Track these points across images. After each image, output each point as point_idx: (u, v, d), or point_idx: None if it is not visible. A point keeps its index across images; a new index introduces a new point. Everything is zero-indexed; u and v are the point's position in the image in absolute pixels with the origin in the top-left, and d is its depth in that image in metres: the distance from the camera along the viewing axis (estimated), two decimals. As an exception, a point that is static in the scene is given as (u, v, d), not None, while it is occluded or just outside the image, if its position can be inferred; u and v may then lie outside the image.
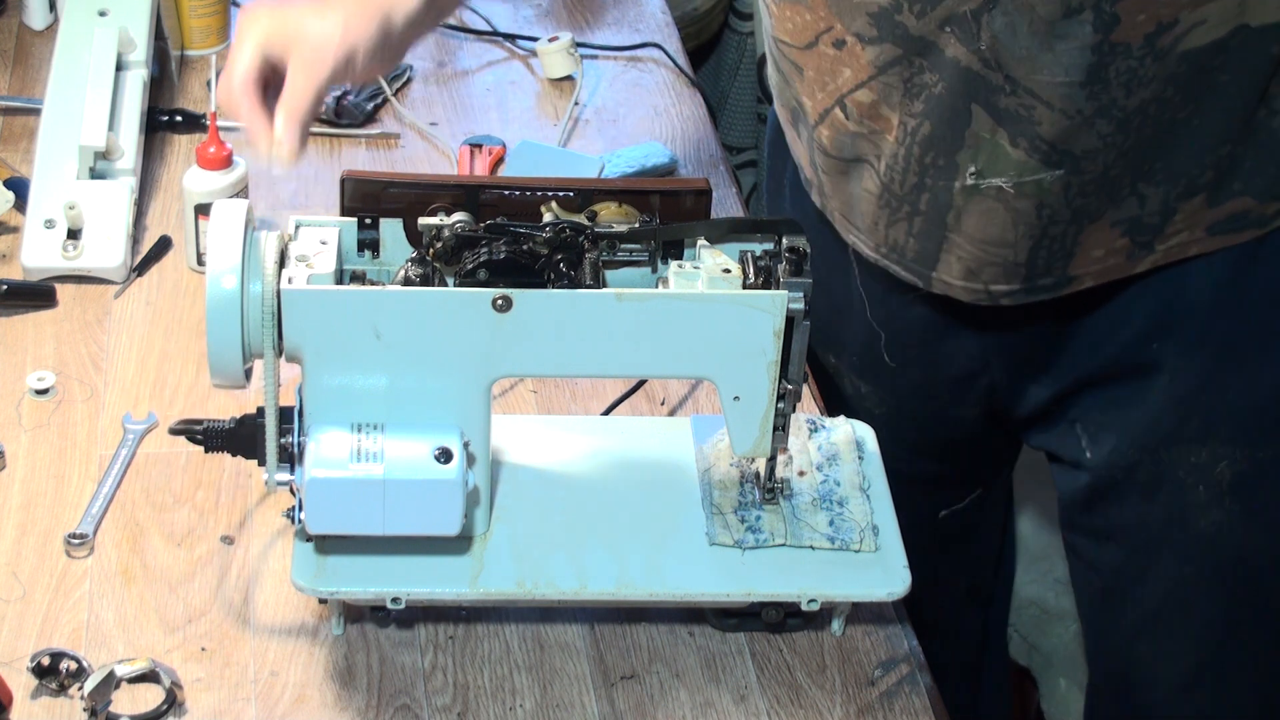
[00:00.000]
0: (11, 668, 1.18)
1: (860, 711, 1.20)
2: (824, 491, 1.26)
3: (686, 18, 2.32)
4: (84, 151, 1.58)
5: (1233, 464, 1.34)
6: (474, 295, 1.13)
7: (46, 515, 1.31)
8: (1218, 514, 1.36)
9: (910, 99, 1.25)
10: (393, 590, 1.18)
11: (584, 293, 1.15)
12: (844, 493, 1.26)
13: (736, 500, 1.25)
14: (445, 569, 1.20)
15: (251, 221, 1.16)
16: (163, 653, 1.21)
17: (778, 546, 1.22)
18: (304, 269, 1.14)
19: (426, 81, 1.86)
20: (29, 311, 1.50)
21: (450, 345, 1.15)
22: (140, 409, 1.41)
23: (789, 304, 1.15)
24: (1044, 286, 1.32)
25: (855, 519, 1.24)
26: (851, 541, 1.23)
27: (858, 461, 1.29)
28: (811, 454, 1.29)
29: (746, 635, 1.24)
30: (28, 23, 1.89)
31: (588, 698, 1.20)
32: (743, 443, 1.21)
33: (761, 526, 1.23)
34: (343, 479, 1.14)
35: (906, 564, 1.22)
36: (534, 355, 1.16)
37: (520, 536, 1.23)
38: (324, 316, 1.14)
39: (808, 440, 1.30)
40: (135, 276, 1.56)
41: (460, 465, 1.15)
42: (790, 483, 1.26)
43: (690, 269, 1.16)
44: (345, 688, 1.20)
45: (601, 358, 1.17)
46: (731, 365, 1.17)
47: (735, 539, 1.22)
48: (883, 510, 1.26)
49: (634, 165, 1.71)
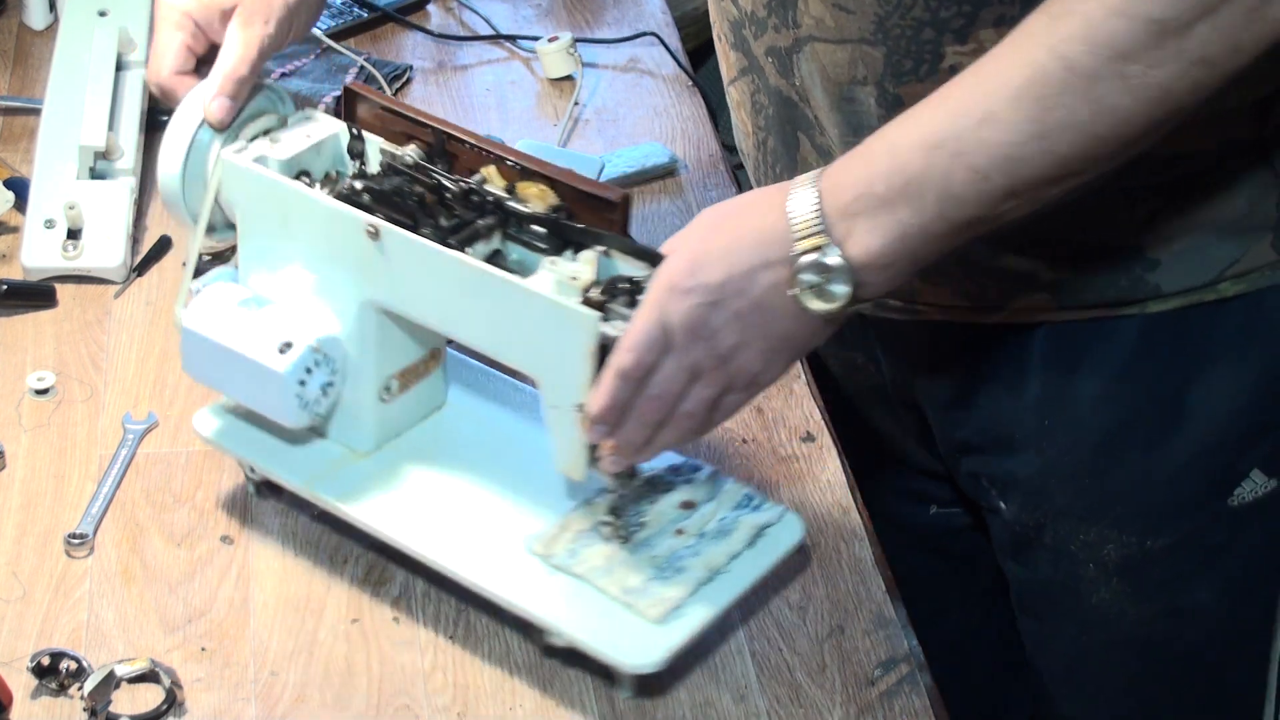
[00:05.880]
0: (11, 668, 1.18)
1: (860, 711, 1.20)
2: (674, 558, 1.20)
3: (686, 18, 2.32)
4: (84, 151, 1.58)
5: (1120, 548, 1.32)
6: (351, 217, 1.18)
7: (46, 515, 1.31)
8: (1106, 592, 1.35)
9: (756, 112, 1.29)
10: (251, 459, 1.29)
11: (435, 247, 1.16)
12: (689, 565, 1.19)
13: (591, 523, 1.22)
14: (299, 461, 1.27)
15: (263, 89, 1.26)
16: (163, 653, 1.21)
17: (577, 577, 1.19)
18: (265, 144, 1.23)
19: (426, 81, 1.86)
20: (29, 311, 1.50)
21: (335, 257, 1.22)
22: (140, 409, 1.41)
23: (600, 328, 1.10)
24: (893, 307, 1.32)
25: (666, 593, 1.17)
26: (639, 604, 1.17)
27: (743, 547, 1.21)
28: (708, 521, 1.23)
29: (746, 634, 1.24)
30: (28, 23, 1.89)
31: (588, 698, 1.20)
32: (559, 457, 1.18)
33: (580, 553, 1.20)
34: (200, 334, 1.23)
35: (670, 652, 1.16)
36: (400, 294, 1.21)
37: (392, 472, 1.26)
38: (245, 192, 1.23)
39: (716, 507, 1.24)
40: (135, 276, 1.56)
41: (297, 362, 1.20)
42: (644, 528, 1.22)
43: (556, 267, 1.14)
44: (345, 688, 1.20)
45: (453, 319, 1.20)
46: (552, 373, 1.16)
47: (547, 552, 1.20)
48: (712, 599, 1.18)
49: (634, 165, 1.71)
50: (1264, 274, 1.24)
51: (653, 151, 1.73)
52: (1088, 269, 1.23)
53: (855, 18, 1.17)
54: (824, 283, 1.05)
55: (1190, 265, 1.22)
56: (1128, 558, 1.32)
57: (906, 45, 1.16)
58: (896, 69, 1.17)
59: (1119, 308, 1.24)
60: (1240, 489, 1.29)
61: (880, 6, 1.15)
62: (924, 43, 1.15)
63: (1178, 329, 1.25)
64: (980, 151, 1.02)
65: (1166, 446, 1.28)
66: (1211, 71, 0.99)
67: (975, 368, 1.33)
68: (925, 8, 1.14)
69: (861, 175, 1.04)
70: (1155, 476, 1.29)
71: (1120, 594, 1.34)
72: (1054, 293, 1.24)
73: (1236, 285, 1.23)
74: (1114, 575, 1.34)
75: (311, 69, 1.82)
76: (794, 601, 1.28)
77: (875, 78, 1.18)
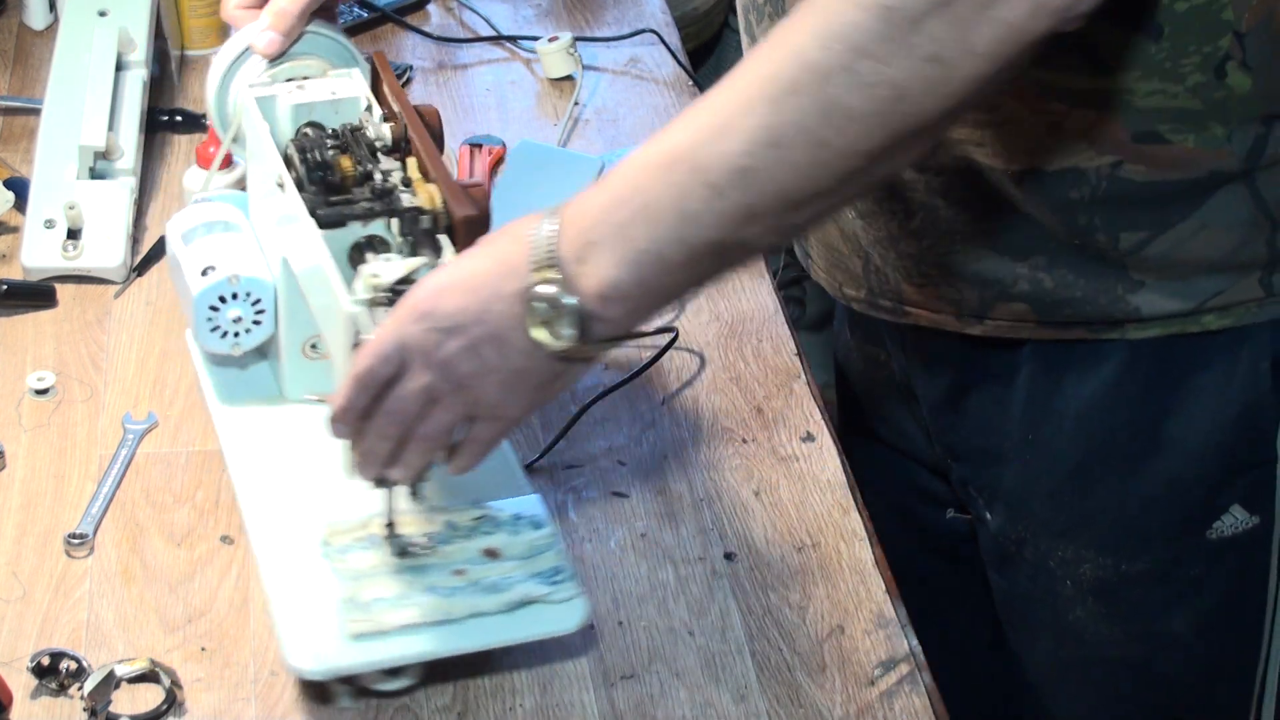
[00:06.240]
0: (11, 668, 1.18)
1: (860, 711, 1.20)
2: (429, 590, 1.17)
3: (686, 18, 2.32)
4: (84, 151, 1.58)
5: (1096, 568, 1.32)
6: (275, 164, 1.22)
7: (46, 515, 1.31)
8: (1081, 611, 1.34)
9: None
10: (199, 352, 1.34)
11: (296, 212, 1.19)
12: (429, 603, 1.16)
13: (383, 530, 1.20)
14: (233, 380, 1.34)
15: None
16: (163, 653, 1.21)
17: (334, 570, 1.18)
18: (290, 87, 1.26)
19: (426, 81, 1.86)
20: (29, 311, 1.50)
21: (267, 200, 1.27)
22: (140, 409, 1.41)
23: (357, 327, 1.09)
24: (884, 308, 1.32)
25: (383, 617, 1.15)
26: (349, 615, 1.15)
27: (498, 609, 1.17)
28: (491, 574, 1.19)
29: (746, 634, 1.25)
30: (28, 23, 1.89)
31: (588, 698, 1.20)
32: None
33: (351, 552, 1.19)
34: (169, 242, 1.32)
35: (326, 669, 1.13)
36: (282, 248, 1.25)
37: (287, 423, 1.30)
38: (248, 123, 1.27)
39: (514, 567, 1.19)
40: (135, 276, 1.56)
41: (210, 288, 1.26)
42: (431, 555, 1.19)
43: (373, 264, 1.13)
44: (345, 688, 1.19)
45: (294, 284, 1.25)
46: (336, 362, 1.16)
47: (327, 538, 1.20)
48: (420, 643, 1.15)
49: (634, 165, 1.71)
50: (1249, 309, 1.22)
51: (653, 151, 1.73)
52: (1065, 280, 1.22)
53: None
54: (554, 318, 1.00)
55: (1172, 291, 1.21)
56: (1103, 579, 1.32)
57: None
58: None
59: (1100, 330, 1.24)
60: (1220, 522, 1.28)
61: None
62: None
63: (1161, 357, 1.24)
64: (716, 165, 0.96)
65: (1143, 473, 1.28)
66: (946, 73, 0.94)
67: (967, 375, 1.33)
68: None
69: (603, 201, 1.00)
70: (1130, 501, 1.29)
71: (1095, 614, 1.34)
72: (1033, 304, 1.24)
73: (1221, 319, 1.22)
74: (1089, 595, 1.33)
75: (311, 69, 1.82)
76: (794, 601, 1.28)
77: None
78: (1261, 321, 1.22)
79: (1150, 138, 1.15)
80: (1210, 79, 1.12)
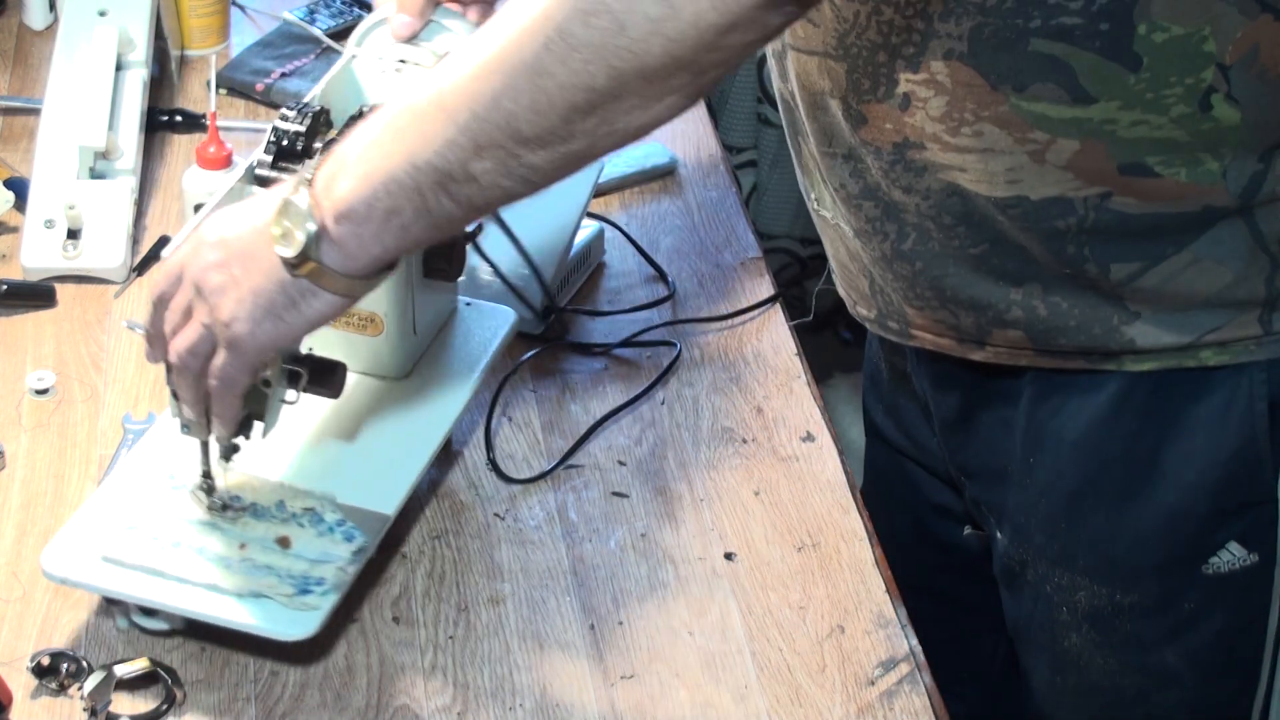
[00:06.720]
0: (11, 668, 1.18)
1: (860, 711, 1.20)
2: (200, 550, 1.20)
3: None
4: (84, 151, 1.58)
5: (1091, 597, 1.31)
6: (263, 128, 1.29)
7: (46, 515, 1.31)
8: (1077, 638, 1.34)
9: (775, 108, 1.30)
10: None
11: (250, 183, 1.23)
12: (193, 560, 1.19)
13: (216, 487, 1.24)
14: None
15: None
16: (163, 653, 1.21)
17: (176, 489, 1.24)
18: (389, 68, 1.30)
19: (426, 81, 1.86)
20: (29, 311, 1.50)
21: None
22: (140, 409, 1.41)
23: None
24: (892, 329, 1.32)
25: (138, 550, 1.19)
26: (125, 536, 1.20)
27: (244, 591, 1.18)
28: (267, 559, 1.20)
29: (746, 634, 1.25)
30: (28, 23, 1.89)
31: (588, 698, 1.20)
32: None
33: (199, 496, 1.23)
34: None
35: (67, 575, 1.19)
36: None
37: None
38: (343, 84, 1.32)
39: (292, 562, 1.20)
40: (135, 276, 1.56)
41: None
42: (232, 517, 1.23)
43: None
44: (345, 688, 1.20)
45: None
46: None
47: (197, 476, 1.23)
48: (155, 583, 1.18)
49: (634, 165, 1.71)
50: (1248, 347, 1.21)
51: (653, 152, 1.73)
52: (1059, 309, 1.22)
53: (820, 31, 1.17)
54: (291, 230, 1.06)
55: (1168, 324, 1.21)
56: (1098, 608, 1.32)
57: (864, 65, 1.16)
58: (857, 86, 1.17)
59: (1097, 360, 1.24)
60: (1216, 558, 1.28)
61: (839, 24, 1.15)
62: (879, 65, 1.15)
63: (1158, 391, 1.24)
64: (450, 90, 1.01)
65: (1138, 505, 1.27)
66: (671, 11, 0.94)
67: (974, 395, 1.33)
68: (878, 31, 1.14)
69: (360, 132, 1.06)
70: (1124, 532, 1.29)
71: (1091, 642, 1.34)
72: (1028, 332, 1.24)
73: (1219, 355, 1.21)
74: (1085, 622, 1.33)
75: (312, 69, 1.82)
76: (794, 601, 1.28)
77: (840, 92, 1.19)
78: (1260, 360, 1.22)
79: (1138, 170, 1.14)
80: (1195, 111, 1.12)
